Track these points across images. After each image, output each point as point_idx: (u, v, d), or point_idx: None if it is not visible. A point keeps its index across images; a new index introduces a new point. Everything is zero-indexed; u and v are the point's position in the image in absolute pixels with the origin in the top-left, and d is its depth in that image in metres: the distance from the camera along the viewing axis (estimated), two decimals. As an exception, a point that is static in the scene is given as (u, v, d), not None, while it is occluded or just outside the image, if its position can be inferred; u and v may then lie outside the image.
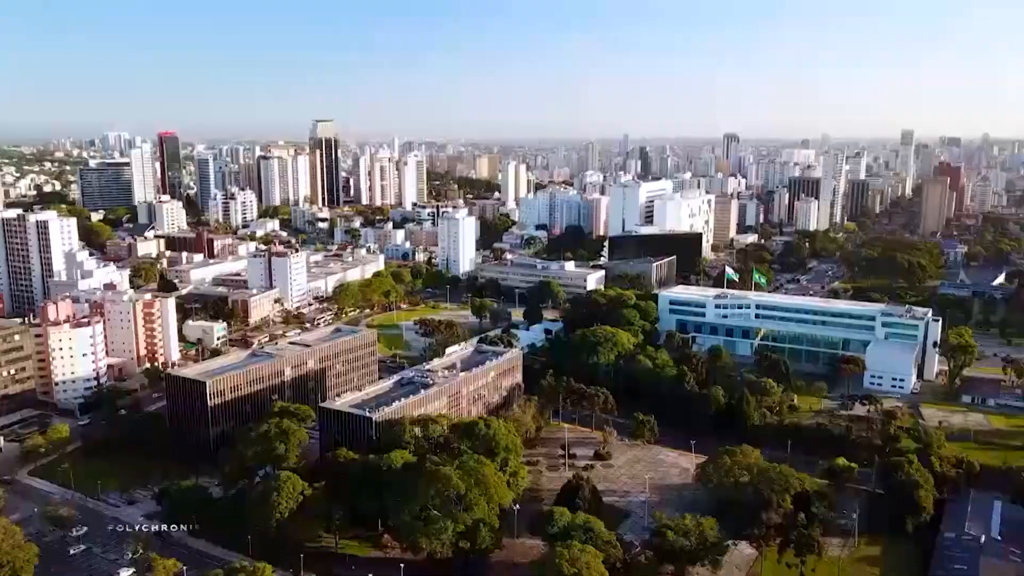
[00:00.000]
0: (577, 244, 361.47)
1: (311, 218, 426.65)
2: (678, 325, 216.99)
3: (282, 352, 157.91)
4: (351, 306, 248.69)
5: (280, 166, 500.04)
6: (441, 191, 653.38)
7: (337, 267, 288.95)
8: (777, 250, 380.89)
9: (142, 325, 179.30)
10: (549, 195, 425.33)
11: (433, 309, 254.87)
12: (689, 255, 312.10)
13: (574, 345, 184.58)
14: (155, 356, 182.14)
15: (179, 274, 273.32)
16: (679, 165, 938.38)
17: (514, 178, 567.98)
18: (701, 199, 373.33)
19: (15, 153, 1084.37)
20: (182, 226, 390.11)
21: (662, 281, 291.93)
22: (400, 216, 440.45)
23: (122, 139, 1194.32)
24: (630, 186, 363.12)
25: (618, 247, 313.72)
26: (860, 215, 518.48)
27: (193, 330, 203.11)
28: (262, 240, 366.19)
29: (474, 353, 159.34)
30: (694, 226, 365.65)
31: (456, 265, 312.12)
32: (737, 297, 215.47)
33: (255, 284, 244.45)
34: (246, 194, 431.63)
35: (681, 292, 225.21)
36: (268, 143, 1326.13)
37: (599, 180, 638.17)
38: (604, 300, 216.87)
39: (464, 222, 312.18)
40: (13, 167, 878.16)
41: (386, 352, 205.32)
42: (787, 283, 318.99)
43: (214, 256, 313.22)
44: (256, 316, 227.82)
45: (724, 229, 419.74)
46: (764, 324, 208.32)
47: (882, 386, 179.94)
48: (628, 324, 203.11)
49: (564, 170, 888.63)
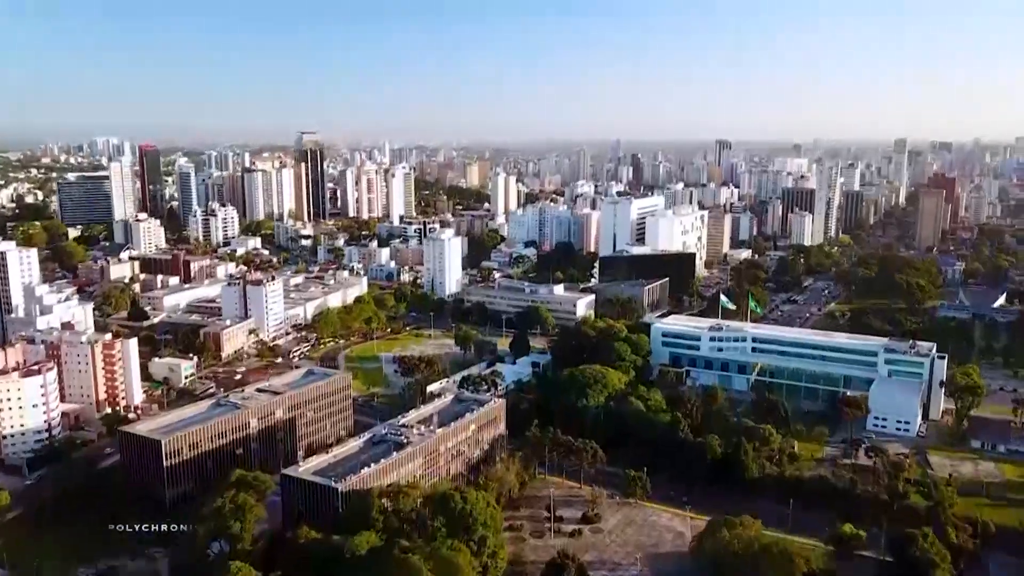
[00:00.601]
0: (567, 262, 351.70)
1: (294, 235, 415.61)
2: (671, 358, 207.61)
3: (248, 401, 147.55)
4: (329, 335, 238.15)
5: (264, 179, 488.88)
6: (430, 201, 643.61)
7: (318, 291, 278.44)
8: (771, 267, 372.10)
9: (101, 368, 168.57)
10: (539, 210, 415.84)
11: (416, 338, 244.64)
12: (682, 276, 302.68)
13: (562, 384, 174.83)
14: (116, 400, 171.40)
15: (152, 300, 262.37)
16: (671, 172, 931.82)
17: (503, 190, 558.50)
18: (694, 215, 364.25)
19: (1, 159, 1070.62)
20: (160, 245, 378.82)
21: (655, 304, 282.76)
22: (386, 232, 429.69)
23: (110, 144, 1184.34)
24: (621, 203, 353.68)
25: (609, 268, 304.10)
26: (855, 227, 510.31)
27: (159, 368, 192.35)
28: (242, 259, 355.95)
29: (454, 402, 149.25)
30: (687, 243, 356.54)
31: (442, 287, 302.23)
32: (733, 330, 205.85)
33: (229, 314, 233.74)
34: (227, 210, 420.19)
35: (675, 323, 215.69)
36: (261, 147, 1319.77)
37: (590, 191, 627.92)
38: (594, 332, 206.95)
39: (450, 243, 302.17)
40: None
41: (364, 390, 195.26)
42: (783, 303, 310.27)
43: (190, 279, 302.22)
44: (229, 349, 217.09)
45: (717, 244, 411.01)
46: (761, 358, 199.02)
47: (886, 428, 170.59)
48: (619, 359, 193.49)
49: (556, 177, 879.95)
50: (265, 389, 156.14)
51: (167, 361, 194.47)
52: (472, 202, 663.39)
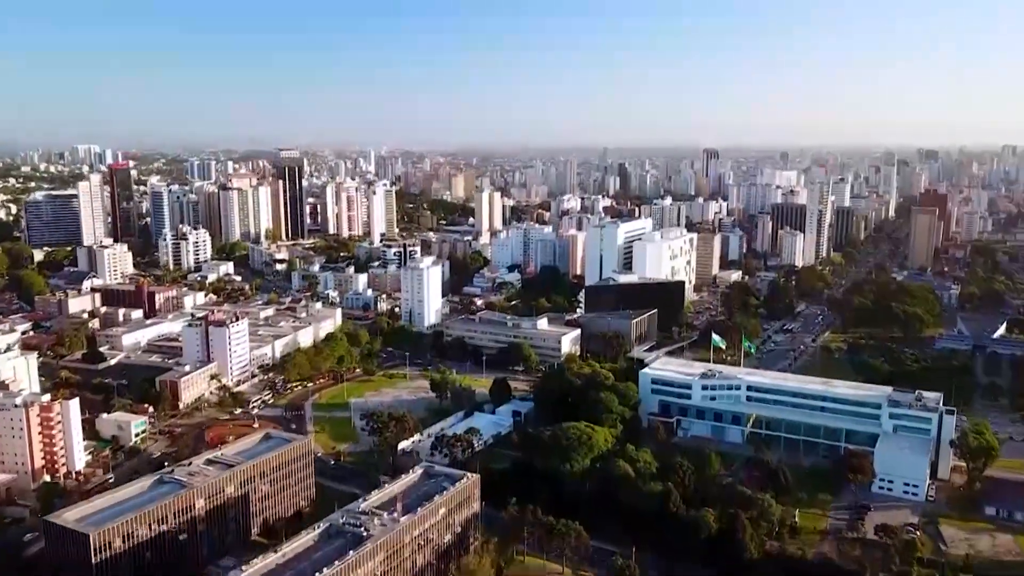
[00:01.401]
0: (552, 287, 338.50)
1: (268, 259, 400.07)
2: (661, 407, 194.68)
3: (194, 479, 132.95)
4: (297, 378, 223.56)
5: (240, 198, 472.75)
6: (414, 216, 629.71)
7: (287, 326, 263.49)
8: (762, 290, 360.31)
9: (38, 433, 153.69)
10: (523, 232, 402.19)
11: (390, 380, 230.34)
12: (671, 306, 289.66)
13: (544, 445, 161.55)
14: (55, 467, 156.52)
15: (110, 339, 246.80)
16: (658, 182, 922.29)
17: (488, 206, 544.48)
18: (683, 239, 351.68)
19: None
20: (128, 271, 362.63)
21: (643, 336, 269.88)
22: (366, 254, 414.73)
23: (92, 152, 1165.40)
24: (607, 226, 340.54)
25: (595, 298, 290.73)
26: (846, 244, 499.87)
27: (108, 425, 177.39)
28: (213, 287, 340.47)
29: (422, 478, 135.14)
30: (675, 268, 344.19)
31: (420, 318, 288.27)
32: (726, 377, 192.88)
33: (191, 357, 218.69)
34: (199, 233, 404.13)
35: (664, 369, 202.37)
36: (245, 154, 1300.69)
37: (577, 206, 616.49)
38: (579, 380, 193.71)
39: (429, 272, 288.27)
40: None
41: (331, 447, 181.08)
42: (775, 333, 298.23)
43: (155, 312, 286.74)
44: (188, 398, 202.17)
45: (707, 266, 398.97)
46: (756, 408, 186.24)
47: (892, 491, 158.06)
48: (606, 411, 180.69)
49: (542, 188, 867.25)
50: (216, 460, 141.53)
51: (116, 417, 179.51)
52: (457, 216, 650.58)
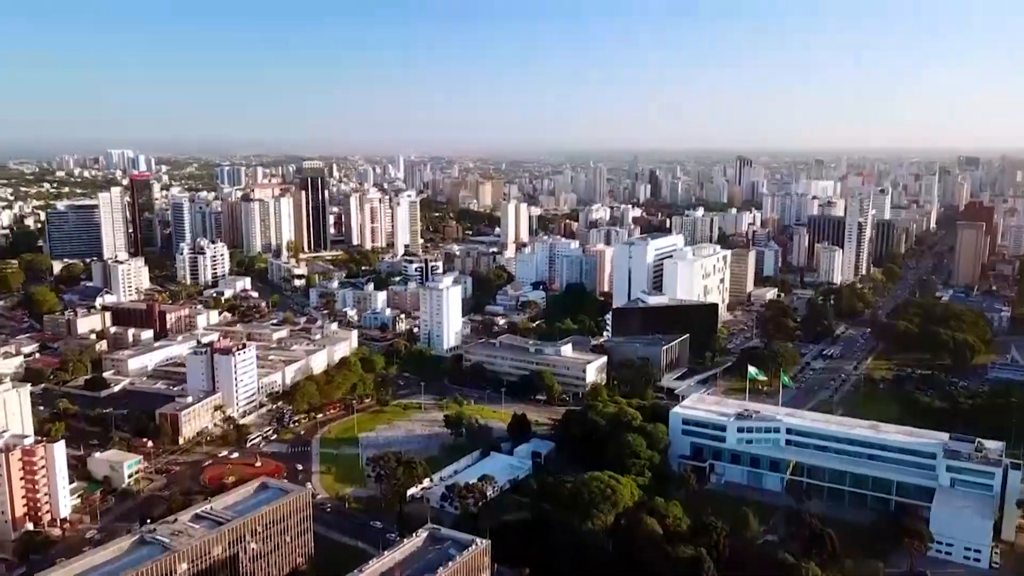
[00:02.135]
0: (578, 305, 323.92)
1: (286, 274, 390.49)
2: (693, 450, 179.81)
3: (179, 539, 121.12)
4: (306, 408, 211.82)
5: (262, 209, 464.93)
6: (439, 227, 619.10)
7: (300, 350, 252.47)
8: (799, 309, 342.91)
9: (20, 479, 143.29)
10: (549, 247, 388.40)
11: (404, 411, 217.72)
12: (704, 329, 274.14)
13: (564, 498, 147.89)
14: (39, 515, 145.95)
15: (116, 363, 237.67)
16: (690, 189, 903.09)
17: (514, 217, 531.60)
18: (716, 256, 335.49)
19: (15, 172, 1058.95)
20: (145, 286, 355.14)
21: (673, 363, 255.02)
22: (387, 268, 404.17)
23: (125, 157, 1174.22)
24: (636, 244, 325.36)
25: (623, 321, 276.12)
26: (886, 259, 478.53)
27: (100, 465, 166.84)
28: (228, 305, 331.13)
29: (427, 544, 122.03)
30: (708, 287, 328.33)
31: (439, 340, 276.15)
32: (763, 419, 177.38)
33: (195, 386, 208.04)
34: (216, 247, 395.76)
35: (696, 408, 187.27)
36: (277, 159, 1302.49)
37: (606, 216, 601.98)
38: (603, 420, 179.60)
39: (448, 293, 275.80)
40: (11, 188, 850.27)
41: (336, 490, 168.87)
42: (814, 359, 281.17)
43: (166, 332, 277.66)
44: (189, 432, 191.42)
45: (741, 283, 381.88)
46: (796, 455, 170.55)
47: (951, 556, 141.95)
48: (632, 456, 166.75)
49: (571, 196, 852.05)
50: (205, 515, 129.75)
51: (108, 457, 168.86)
52: (483, 225, 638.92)
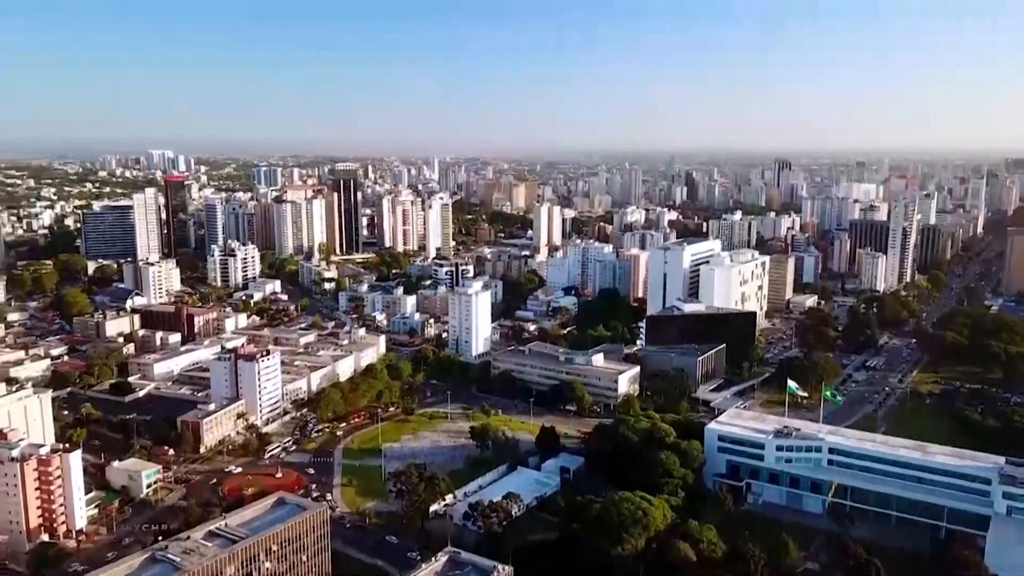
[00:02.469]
0: (611, 311, 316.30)
1: (316, 277, 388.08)
2: (729, 467, 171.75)
3: (190, 557, 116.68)
4: (330, 416, 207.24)
5: (294, 211, 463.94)
6: (471, 229, 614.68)
7: (327, 355, 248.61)
8: (839, 317, 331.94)
9: (35, 489, 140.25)
10: (581, 251, 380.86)
11: (430, 421, 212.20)
12: (741, 339, 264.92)
13: (593, 520, 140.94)
14: (54, 526, 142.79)
15: (142, 367, 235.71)
16: (727, 192, 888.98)
17: (547, 220, 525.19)
18: (755, 262, 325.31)
19: (60, 172, 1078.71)
20: (175, 288, 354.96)
21: (709, 374, 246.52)
22: (418, 271, 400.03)
23: (165, 157, 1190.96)
24: (672, 249, 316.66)
25: (657, 330, 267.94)
26: (931, 266, 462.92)
27: (118, 474, 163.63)
28: (257, 308, 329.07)
29: (446, 569, 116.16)
30: (746, 294, 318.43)
31: (468, 347, 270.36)
32: (804, 437, 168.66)
33: (218, 393, 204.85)
34: (247, 249, 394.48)
35: (733, 424, 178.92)
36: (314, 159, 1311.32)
37: (641, 219, 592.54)
38: (635, 436, 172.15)
39: (477, 298, 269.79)
40: (54, 188, 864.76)
41: (357, 504, 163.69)
42: (856, 370, 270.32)
43: (194, 335, 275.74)
44: (211, 440, 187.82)
45: (779, 289, 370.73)
46: (839, 476, 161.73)
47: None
48: (665, 475, 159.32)
49: (606, 198, 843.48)
50: (218, 532, 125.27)
51: (127, 466, 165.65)
52: (516, 228, 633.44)
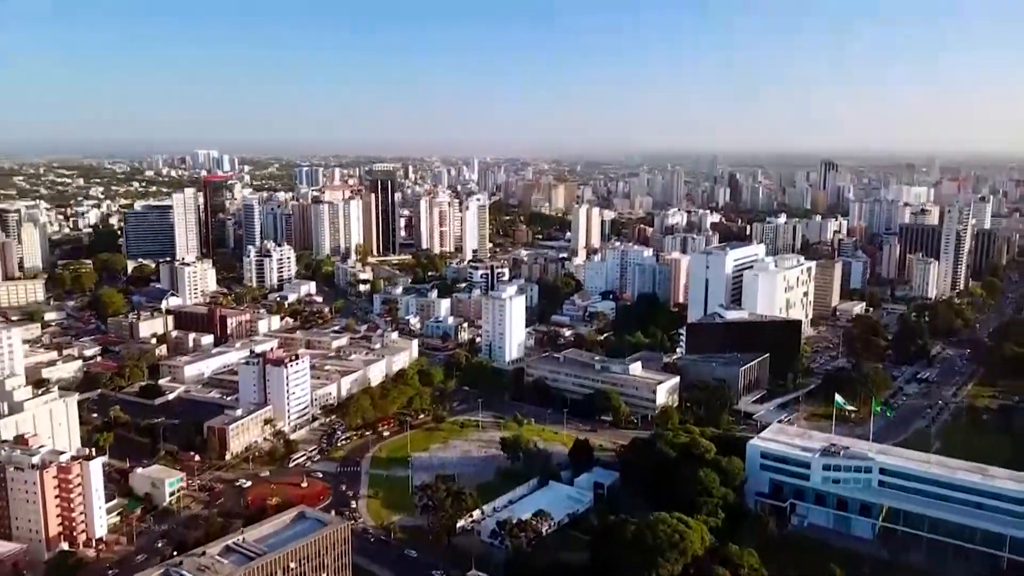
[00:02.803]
0: (650, 317, 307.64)
1: (351, 279, 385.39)
2: (772, 487, 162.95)
3: (205, 573, 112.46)
4: (359, 423, 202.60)
5: (331, 211, 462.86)
6: (509, 230, 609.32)
7: (358, 359, 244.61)
8: (889, 326, 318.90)
9: (55, 497, 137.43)
10: (620, 254, 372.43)
11: (461, 430, 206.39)
12: (786, 348, 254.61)
13: (627, 541, 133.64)
14: (73, 535, 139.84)
15: (172, 370, 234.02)
16: (771, 194, 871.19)
17: (585, 221, 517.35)
18: (800, 268, 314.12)
19: (108, 172, 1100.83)
20: (211, 288, 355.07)
21: (751, 384, 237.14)
22: (453, 273, 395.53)
23: (210, 157, 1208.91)
24: (714, 254, 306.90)
25: (698, 337, 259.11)
26: (986, 272, 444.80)
27: (141, 481, 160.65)
28: (290, 310, 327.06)
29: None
30: (791, 300, 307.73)
31: (501, 352, 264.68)
32: (853, 456, 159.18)
33: (246, 398, 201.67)
34: (283, 250, 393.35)
35: (777, 440, 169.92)
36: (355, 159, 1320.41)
37: (682, 221, 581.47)
38: (673, 452, 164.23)
39: (511, 303, 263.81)
40: (102, 187, 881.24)
41: (383, 517, 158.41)
42: (907, 382, 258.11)
43: (227, 337, 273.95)
44: (238, 446, 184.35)
45: (825, 296, 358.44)
46: (891, 499, 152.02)
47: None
48: (704, 494, 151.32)
49: (647, 199, 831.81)
50: (235, 548, 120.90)
51: (150, 473, 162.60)
52: (554, 229, 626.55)
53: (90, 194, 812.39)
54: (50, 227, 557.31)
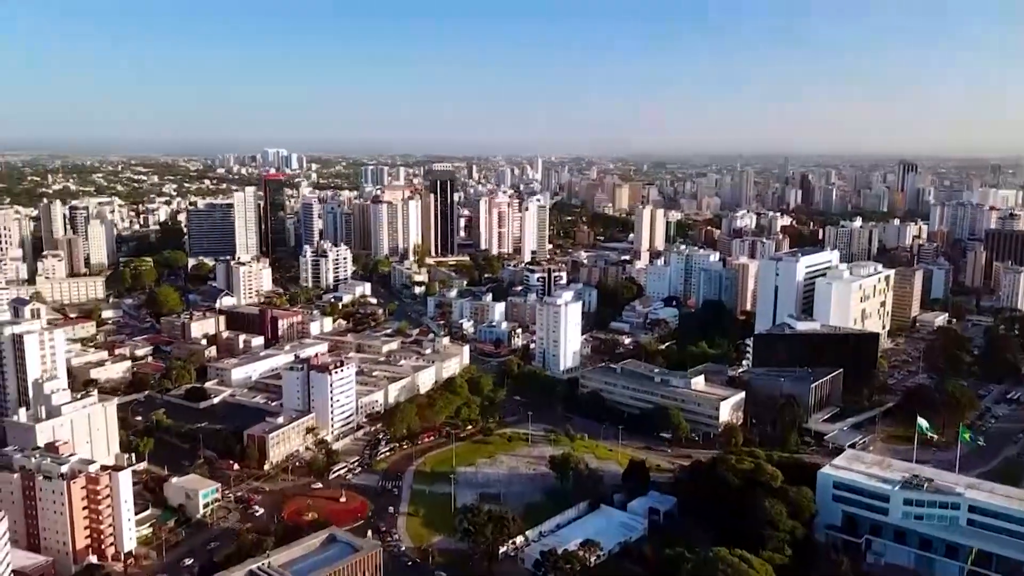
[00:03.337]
0: (715, 326, 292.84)
1: (407, 281, 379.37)
2: (845, 520, 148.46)
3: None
4: (400, 436, 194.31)
5: (390, 211, 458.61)
6: (570, 231, 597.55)
7: (408, 365, 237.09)
8: (974, 339, 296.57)
9: (83, 509, 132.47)
10: (684, 259, 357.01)
11: (509, 444, 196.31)
12: (861, 363, 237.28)
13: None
14: (102, 548, 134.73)
15: (220, 372, 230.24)
16: (845, 196, 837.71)
17: (649, 223, 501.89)
18: (877, 277, 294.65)
19: (182, 169, 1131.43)
20: (266, 288, 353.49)
21: (822, 403, 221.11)
22: (510, 276, 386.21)
23: (279, 155, 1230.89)
24: (785, 260, 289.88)
25: (766, 349, 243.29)
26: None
27: (176, 492, 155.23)
28: (344, 312, 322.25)
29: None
30: (867, 311, 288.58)
31: (555, 361, 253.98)
32: (939, 490, 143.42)
33: (290, 405, 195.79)
34: (339, 250, 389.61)
35: (852, 469, 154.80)
36: (422, 159, 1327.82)
37: (751, 224, 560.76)
38: (737, 479, 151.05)
39: (567, 309, 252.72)
40: (175, 184, 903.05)
41: (423, 537, 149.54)
42: (996, 403, 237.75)
43: (278, 338, 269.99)
44: (278, 455, 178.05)
45: (905, 306, 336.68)
46: (983, 540, 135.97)
47: None
48: (770, 526, 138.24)
49: (714, 200, 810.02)
50: (261, 573, 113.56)
51: (185, 483, 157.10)
52: (616, 231, 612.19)
53: (163, 191, 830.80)
54: (121, 223, 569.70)
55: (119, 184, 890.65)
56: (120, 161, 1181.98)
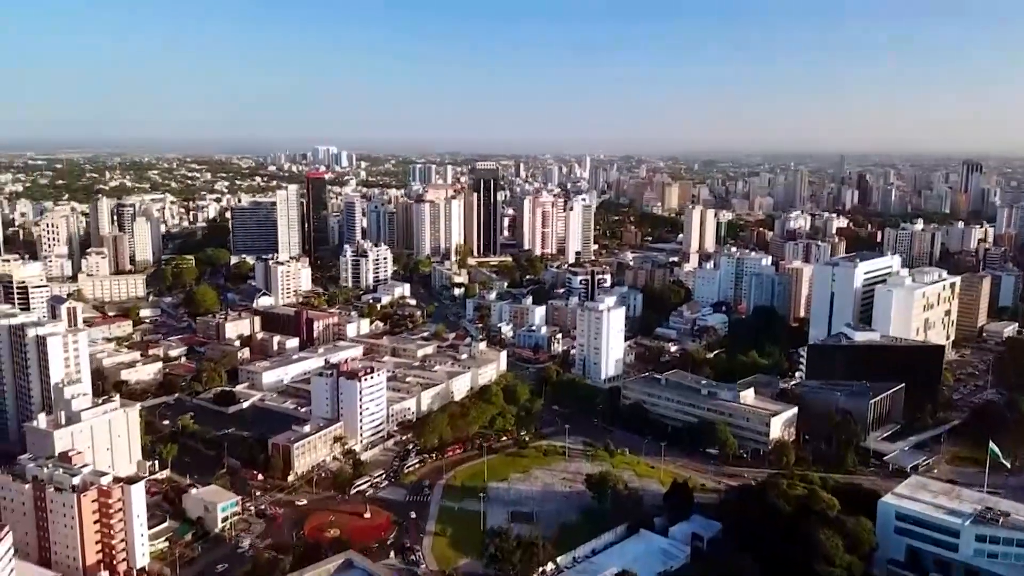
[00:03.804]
0: (767, 335, 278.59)
1: (446, 282, 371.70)
2: (909, 556, 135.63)
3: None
4: (431, 447, 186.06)
5: (432, 211, 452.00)
6: (616, 231, 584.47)
7: (442, 371, 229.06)
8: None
9: (94, 523, 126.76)
10: (735, 263, 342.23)
11: (544, 458, 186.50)
12: (924, 377, 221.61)
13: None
14: (113, 563, 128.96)
15: (251, 375, 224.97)
16: (905, 197, 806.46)
17: (698, 224, 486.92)
18: (941, 284, 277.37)
19: (234, 167, 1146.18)
20: (305, 287, 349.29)
21: (882, 419, 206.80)
22: (552, 277, 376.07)
23: (329, 153, 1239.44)
24: (841, 265, 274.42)
25: (821, 361, 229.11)
26: None
27: (194, 504, 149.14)
28: (382, 313, 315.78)
29: None
30: (930, 320, 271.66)
31: (596, 369, 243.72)
32: (1016, 525, 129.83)
33: (318, 412, 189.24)
34: (379, 250, 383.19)
35: (917, 499, 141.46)
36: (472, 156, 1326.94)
37: (805, 225, 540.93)
38: (788, 506, 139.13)
39: (609, 316, 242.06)
40: (227, 182, 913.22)
41: (449, 559, 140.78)
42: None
43: (313, 340, 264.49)
44: (303, 465, 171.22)
45: (971, 315, 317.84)
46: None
47: None
48: (825, 560, 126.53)
49: (767, 200, 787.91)
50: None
51: (204, 495, 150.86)
52: (665, 231, 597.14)
53: (215, 188, 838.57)
54: (171, 220, 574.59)
55: (173, 181, 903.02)
56: (175, 158, 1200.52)
